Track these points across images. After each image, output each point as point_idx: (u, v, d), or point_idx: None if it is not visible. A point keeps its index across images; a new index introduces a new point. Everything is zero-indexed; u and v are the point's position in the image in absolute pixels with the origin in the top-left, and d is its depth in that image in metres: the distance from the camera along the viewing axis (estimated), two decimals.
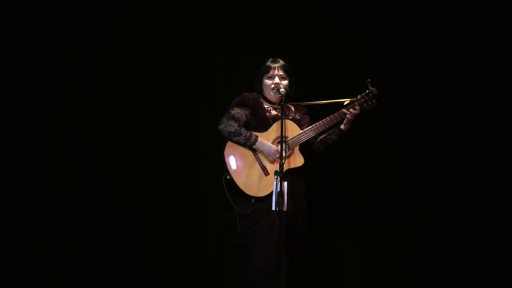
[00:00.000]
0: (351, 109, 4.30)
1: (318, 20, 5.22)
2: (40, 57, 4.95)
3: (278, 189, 3.97)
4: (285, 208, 3.99)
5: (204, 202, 5.07)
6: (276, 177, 4.03)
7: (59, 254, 4.95)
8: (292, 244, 4.20)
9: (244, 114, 4.34)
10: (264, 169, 4.27)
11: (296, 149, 4.29)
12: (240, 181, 4.25)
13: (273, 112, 4.36)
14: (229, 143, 4.30)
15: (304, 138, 4.29)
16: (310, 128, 4.31)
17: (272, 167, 4.27)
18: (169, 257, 5.07)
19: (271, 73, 4.34)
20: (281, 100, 4.17)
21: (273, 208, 4.04)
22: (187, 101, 5.17)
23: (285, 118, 4.13)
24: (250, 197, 4.23)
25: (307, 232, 4.35)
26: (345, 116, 4.31)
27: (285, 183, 4.02)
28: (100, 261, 4.99)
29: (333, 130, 4.40)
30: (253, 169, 4.28)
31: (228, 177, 4.26)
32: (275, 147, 4.26)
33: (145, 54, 5.11)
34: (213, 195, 4.93)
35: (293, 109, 4.46)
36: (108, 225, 5.03)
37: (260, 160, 4.29)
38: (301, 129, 4.32)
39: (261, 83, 4.39)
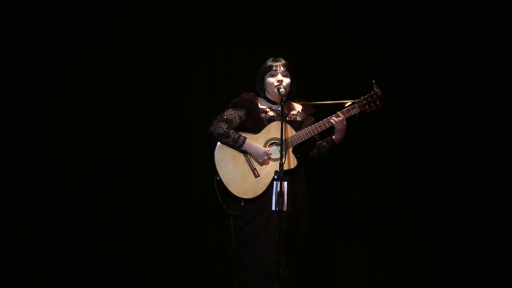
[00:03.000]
0: (333, 117, 4.23)
1: (318, 20, 5.21)
2: (40, 57, 4.96)
3: (278, 189, 3.95)
4: (285, 208, 3.98)
5: (204, 202, 5.06)
6: (275, 176, 4.02)
7: (59, 254, 4.97)
8: (291, 246, 4.18)
9: (238, 115, 4.32)
10: (254, 170, 4.25)
11: (289, 151, 4.24)
12: (229, 183, 4.25)
13: (270, 113, 4.32)
14: (219, 145, 4.30)
15: (296, 141, 4.24)
16: (299, 133, 4.24)
17: (262, 169, 4.25)
18: (169, 256, 5.07)
19: (273, 71, 4.30)
20: (281, 100, 4.16)
21: (273, 208, 4.03)
22: (187, 101, 5.17)
23: (281, 120, 4.08)
24: (239, 198, 4.23)
25: (307, 233, 4.34)
26: (332, 124, 4.23)
27: (285, 183, 4.01)
28: (99, 259, 4.99)
29: (327, 137, 4.35)
30: (243, 171, 4.26)
31: (218, 178, 4.25)
32: (263, 149, 4.24)
33: (145, 54, 5.10)
34: (213, 195, 4.91)
35: (298, 109, 4.42)
36: (107, 225, 5.03)
37: (250, 161, 4.27)
38: (299, 130, 4.27)
39: (263, 82, 4.35)
